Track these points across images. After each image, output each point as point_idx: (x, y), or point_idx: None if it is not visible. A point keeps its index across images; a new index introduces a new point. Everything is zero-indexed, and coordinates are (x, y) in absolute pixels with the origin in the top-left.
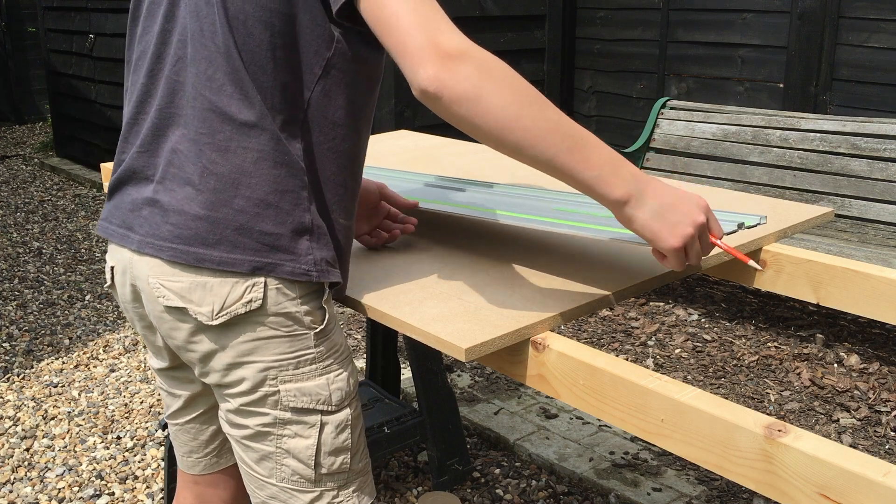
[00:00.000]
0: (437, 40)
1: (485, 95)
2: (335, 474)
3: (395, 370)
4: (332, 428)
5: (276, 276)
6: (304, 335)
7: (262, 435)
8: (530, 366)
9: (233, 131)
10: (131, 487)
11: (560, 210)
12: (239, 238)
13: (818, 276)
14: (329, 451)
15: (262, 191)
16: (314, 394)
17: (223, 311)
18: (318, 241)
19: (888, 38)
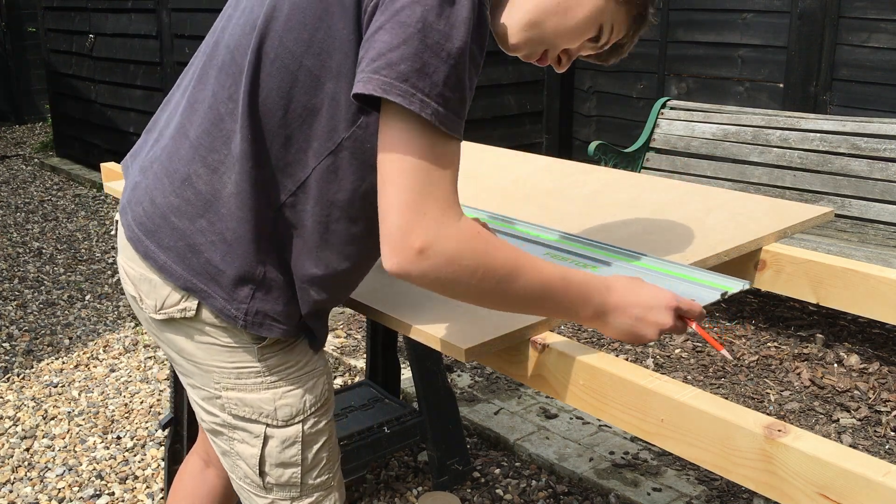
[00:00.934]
0: (410, 234)
1: (448, 285)
2: (285, 486)
3: (395, 370)
4: (278, 442)
5: (205, 304)
6: (247, 348)
7: (218, 432)
8: (530, 366)
9: (227, 156)
10: (131, 487)
11: (549, 255)
12: (187, 254)
13: (818, 276)
14: (275, 463)
15: (225, 224)
16: (256, 406)
17: (163, 309)
18: (266, 293)
19: (888, 37)
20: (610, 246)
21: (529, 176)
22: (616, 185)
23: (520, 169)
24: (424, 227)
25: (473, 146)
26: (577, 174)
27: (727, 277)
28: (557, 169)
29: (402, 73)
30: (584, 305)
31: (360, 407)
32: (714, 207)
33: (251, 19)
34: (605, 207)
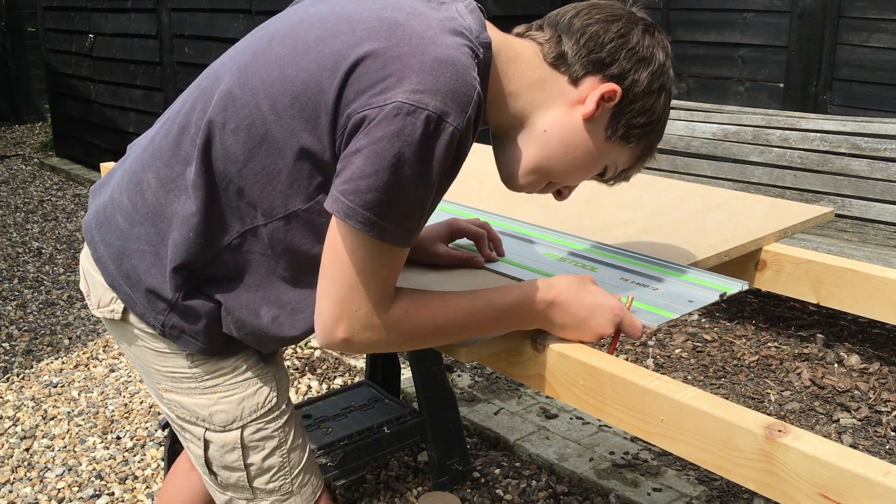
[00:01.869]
0: (338, 326)
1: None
2: (236, 487)
3: (395, 370)
4: (218, 447)
5: (129, 308)
6: (177, 353)
7: (175, 425)
8: (530, 366)
9: (180, 177)
10: (131, 487)
11: (549, 256)
12: (120, 255)
13: (818, 276)
14: (220, 466)
15: (161, 240)
16: (192, 410)
17: (99, 307)
18: (181, 315)
19: (888, 37)
20: (608, 247)
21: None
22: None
23: None
24: (351, 322)
25: (473, 146)
26: None
27: (726, 278)
28: None
29: (367, 202)
30: (527, 317)
31: (360, 407)
32: (714, 207)
33: (245, 56)
34: (605, 207)
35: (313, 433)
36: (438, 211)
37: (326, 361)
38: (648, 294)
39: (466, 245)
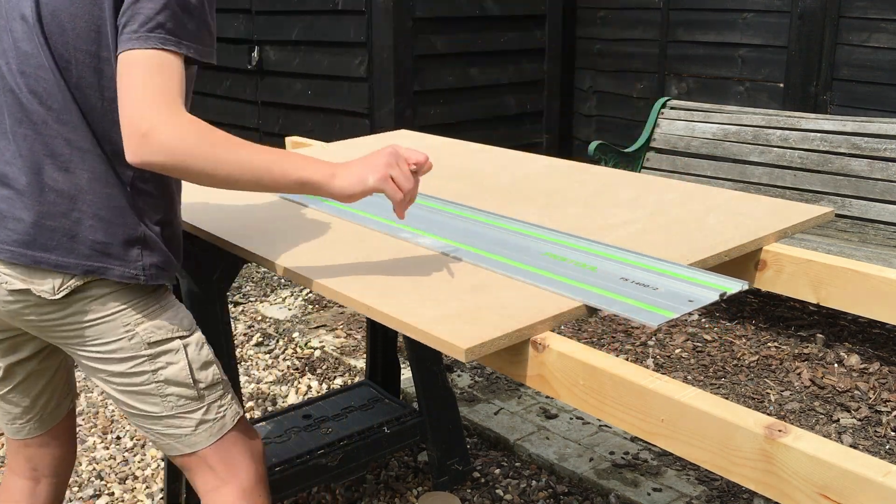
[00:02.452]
0: (141, 123)
1: (181, 165)
2: (212, 385)
3: (395, 370)
4: (194, 346)
5: (106, 278)
6: (146, 296)
7: (135, 377)
8: (530, 366)
9: (72, 154)
10: (131, 487)
11: (549, 256)
12: (73, 245)
13: (818, 275)
14: (199, 365)
15: (96, 206)
16: (167, 325)
17: (63, 286)
18: (150, 249)
19: (888, 37)
20: (608, 246)
21: (529, 176)
22: (616, 185)
23: (520, 169)
24: (153, 117)
25: (474, 146)
26: (578, 174)
27: (726, 278)
28: (558, 169)
29: (170, 29)
30: (308, 169)
31: (360, 407)
32: (714, 207)
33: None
34: (606, 207)
35: (313, 433)
36: (438, 210)
37: (326, 361)
38: (648, 294)
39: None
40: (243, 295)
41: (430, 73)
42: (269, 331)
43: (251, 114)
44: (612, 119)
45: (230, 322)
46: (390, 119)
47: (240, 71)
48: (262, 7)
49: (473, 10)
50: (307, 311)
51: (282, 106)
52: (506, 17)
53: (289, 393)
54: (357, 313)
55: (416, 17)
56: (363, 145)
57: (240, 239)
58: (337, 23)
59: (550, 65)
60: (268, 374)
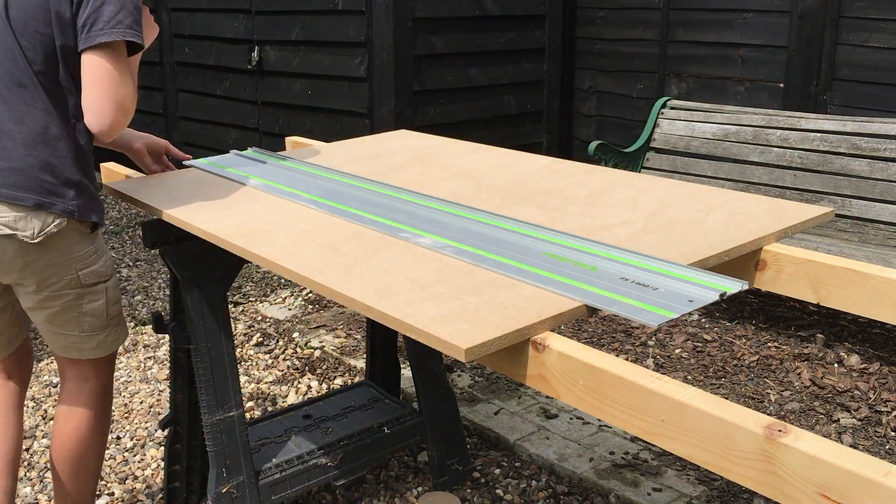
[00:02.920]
0: (107, 116)
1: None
2: (115, 316)
3: (395, 370)
4: (112, 288)
5: (52, 211)
6: (84, 239)
7: (66, 308)
8: (530, 366)
9: (27, 109)
10: (131, 487)
11: (549, 255)
12: (28, 183)
13: (818, 275)
14: (113, 303)
15: (45, 153)
16: (99, 271)
17: (42, 232)
18: (82, 192)
19: (888, 37)
20: (608, 245)
21: (530, 176)
22: (616, 185)
23: (520, 169)
24: (118, 109)
25: (473, 146)
26: (578, 174)
27: (725, 278)
28: (558, 169)
29: (128, 25)
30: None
31: (360, 407)
32: (714, 207)
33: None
34: (606, 207)
35: (313, 433)
36: (438, 210)
37: (326, 361)
38: (648, 294)
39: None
40: (243, 295)
41: (430, 73)
42: (269, 331)
43: (251, 114)
44: (612, 119)
45: (230, 322)
46: (390, 119)
47: (240, 71)
48: (262, 7)
49: (473, 10)
50: (307, 311)
51: (282, 106)
52: (506, 17)
53: (289, 393)
54: (357, 313)
55: (416, 17)
56: (363, 145)
57: (239, 239)
58: (337, 23)
59: (550, 65)
60: (268, 374)
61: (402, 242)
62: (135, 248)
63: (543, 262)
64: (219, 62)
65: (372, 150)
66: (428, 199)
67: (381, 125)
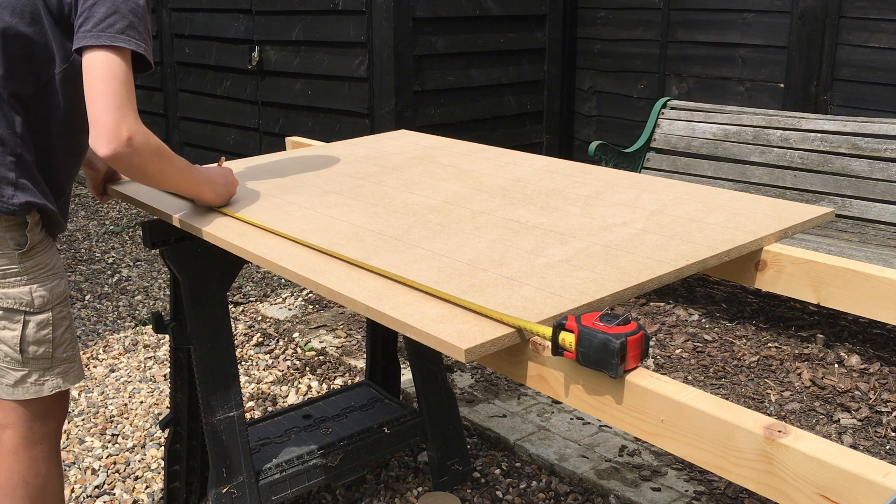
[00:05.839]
0: (121, 127)
1: (144, 167)
2: (40, 359)
3: (395, 370)
4: (35, 325)
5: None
6: (9, 254)
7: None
8: (530, 366)
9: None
10: (131, 487)
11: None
12: None
13: (819, 276)
14: (32, 341)
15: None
16: (17, 298)
17: None
18: (24, 191)
19: (889, 37)
20: None
21: (530, 176)
22: (616, 186)
23: (520, 169)
24: (128, 123)
25: (473, 146)
26: (578, 174)
27: None
28: (558, 169)
29: (119, 29)
30: (205, 180)
31: (360, 407)
32: (714, 207)
33: None
34: (606, 207)
35: (313, 433)
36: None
37: (326, 361)
38: None
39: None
40: (243, 295)
41: (430, 73)
42: (270, 331)
43: (251, 114)
44: (613, 119)
45: (230, 322)
46: (390, 119)
47: (240, 71)
48: (262, 7)
49: (473, 10)
50: (307, 311)
51: (282, 106)
52: (506, 17)
53: (289, 393)
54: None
55: (416, 17)
56: (363, 145)
57: (239, 239)
58: (337, 23)
59: (551, 65)
60: (268, 374)
61: (402, 243)
62: (135, 248)
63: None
64: (219, 62)
65: (372, 150)
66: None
67: (381, 125)
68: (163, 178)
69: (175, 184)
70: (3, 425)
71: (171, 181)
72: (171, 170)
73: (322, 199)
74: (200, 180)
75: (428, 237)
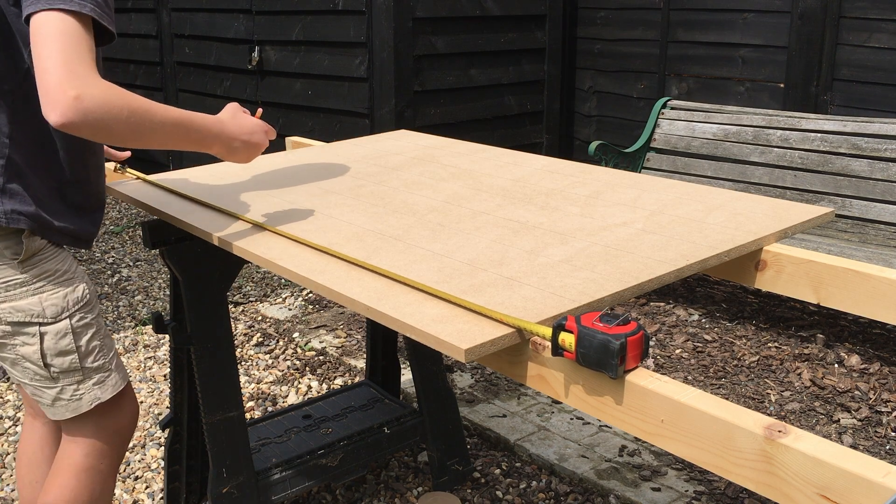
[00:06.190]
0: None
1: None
2: (68, 372)
3: (395, 370)
4: (52, 336)
5: None
6: (8, 264)
7: (2, 346)
8: (530, 366)
9: None
10: (131, 487)
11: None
12: None
13: (819, 276)
14: (55, 353)
15: None
16: (27, 310)
17: None
18: (11, 198)
19: (889, 37)
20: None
21: (530, 176)
22: (616, 186)
23: (520, 169)
24: (77, 80)
25: (473, 146)
26: (578, 174)
27: None
28: (558, 169)
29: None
30: (209, 136)
31: (360, 407)
32: (714, 207)
33: None
34: (606, 207)
35: (313, 433)
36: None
37: (326, 361)
38: None
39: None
40: (243, 295)
41: (430, 73)
42: (270, 331)
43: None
44: (613, 119)
45: (230, 322)
46: (390, 119)
47: (240, 71)
48: (262, 7)
49: (473, 10)
50: (307, 311)
51: (282, 106)
52: (506, 17)
53: (289, 393)
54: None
55: (416, 17)
56: (363, 145)
57: (239, 239)
58: (337, 23)
59: (551, 65)
60: (268, 374)
61: (402, 243)
62: (135, 248)
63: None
64: (219, 62)
65: (372, 150)
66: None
67: (381, 125)
68: (143, 140)
69: (163, 143)
70: (69, 439)
71: (156, 141)
72: (152, 129)
73: (322, 199)
74: (204, 136)
75: (428, 237)
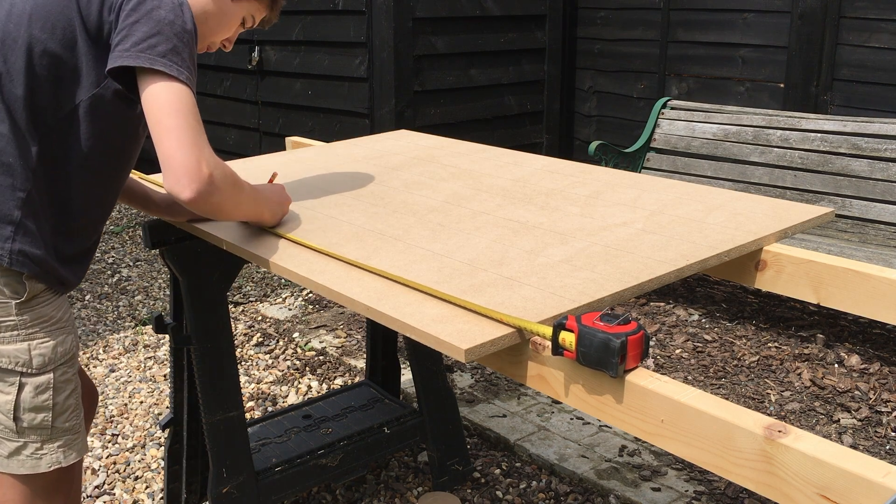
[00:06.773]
0: (201, 165)
1: (223, 203)
2: (37, 429)
3: (395, 370)
4: (32, 388)
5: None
6: (4, 304)
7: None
8: (530, 366)
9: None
10: (131, 487)
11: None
12: None
13: (819, 276)
14: (29, 408)
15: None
16: (13, 356)
17: None
18: (23, 237)
19: (889, 37)
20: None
21: (530, 176)
22: (616, 186)
23: (520, 169)
24: (207, 159)
25: (473, 146)
26: (578, 174)
27: None
28: (558, 169)
29: (161, 52)
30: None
31: (360, 407)
32: (714, 207)
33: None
34: (606, 207)
35: (313, 433)
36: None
37: (326, 361)
38: None
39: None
40: (243, 295)
41: (430, 73)
42: (270, 331)
43: (251, 114)
44: (613, 119)
45: (230, 322)
46: (390, 119)
47: (240, 71)
48: None
49: (473, 10)
50: (307, 311)
51: (282, 106)
52: (506, 17)
53: (289, 393)
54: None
55: (416, 17)
56: (363, 145)
57: (239, 239)
58: (337, 23)
59: (550, 65)
60: (268, 374)
61: (402, 243)
62: (135, 248)
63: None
64: (219, 62)
65: (372, 150)
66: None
67: (381, 125)
68: (237, 212)
69: (244, 214)
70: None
71: (242, 212)
72: (244, 200)
73: (322, 199)
74: (262, 204)
75: (428, 237)
